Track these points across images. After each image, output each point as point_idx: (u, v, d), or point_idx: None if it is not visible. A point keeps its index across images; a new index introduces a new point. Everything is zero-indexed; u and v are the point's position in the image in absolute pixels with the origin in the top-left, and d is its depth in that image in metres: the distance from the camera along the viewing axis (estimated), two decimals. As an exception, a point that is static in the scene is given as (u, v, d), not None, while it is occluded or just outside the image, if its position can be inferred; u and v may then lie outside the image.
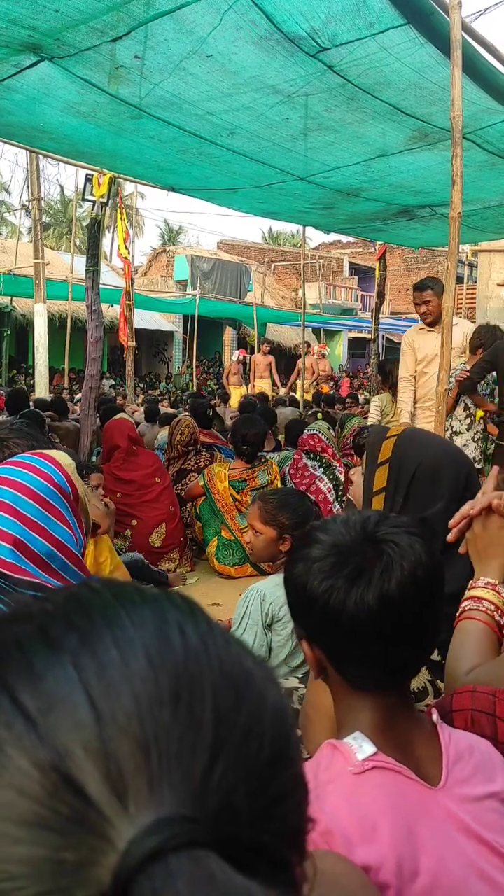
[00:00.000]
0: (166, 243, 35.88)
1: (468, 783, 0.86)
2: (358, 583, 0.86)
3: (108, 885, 0.29)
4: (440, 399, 3.32)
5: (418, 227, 7.49)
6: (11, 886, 0.29)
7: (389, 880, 0.76)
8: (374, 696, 0.89)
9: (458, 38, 3.18)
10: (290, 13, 3.30)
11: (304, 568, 0.91)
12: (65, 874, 0.29)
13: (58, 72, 3.90)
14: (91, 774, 0.31)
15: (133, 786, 0.31)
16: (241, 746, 0.34)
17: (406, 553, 0.88)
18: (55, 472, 1.37)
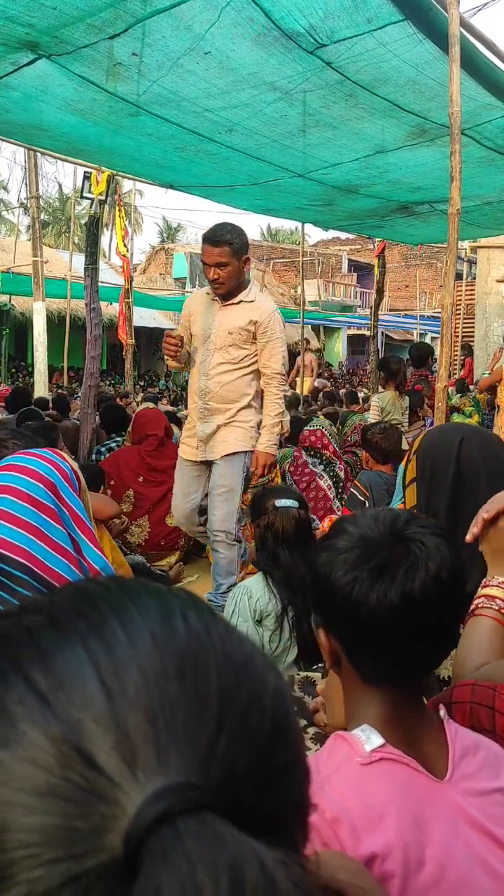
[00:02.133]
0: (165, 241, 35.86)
1: (474, 778, 0.86)
2: (382, 578, 0.87)
3: (120, 851, 0.31)
4: (439, 396, 3.32)
5: (417, 223, 7.49)
6: (25, 854, 0.30)
7: (395, 870, 0.77)
8: (383, 690, 0.89)
9: (456, 34, 3.17)
10: (288, 9, 3.30)
11: (329, 557, 0.91)
12: (77, 841, 0.31)
13: (55, 69, 3.89)
14: (101, 745, 0.33)
15: (142, 754, 0.33)
16: (244, 721, 0.36)
17: (432, 554, 0.89)
18: (50, 470, 1.38)
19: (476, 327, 14.62)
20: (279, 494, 2.40)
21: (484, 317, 14.32)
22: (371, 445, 3.98)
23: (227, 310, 3.35)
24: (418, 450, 1.62)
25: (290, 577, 2.27)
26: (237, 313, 3.33)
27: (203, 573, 4.49)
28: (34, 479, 1.35)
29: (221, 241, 3.19)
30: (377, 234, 8.90)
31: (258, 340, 3.34)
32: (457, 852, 0.80)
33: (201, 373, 3.41)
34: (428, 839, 0.79)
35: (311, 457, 5.12)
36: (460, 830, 0.81)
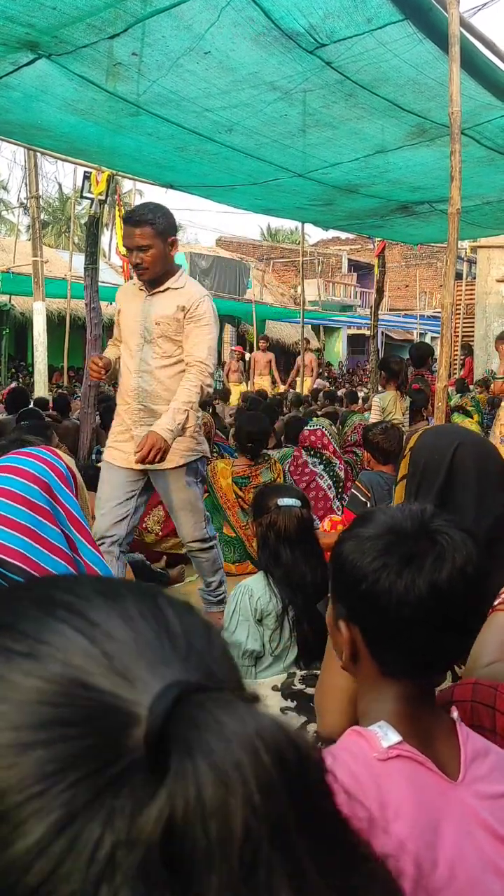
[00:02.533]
0: (165, 241, 35.79)
1: (485, 781, 0.86)
2: (410, 566, 0.88)
3: (142, 750, 0.34)
4: (439, 396, 3.32)
5: (417, 223, 7.49)
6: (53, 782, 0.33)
7: (408, 869, 0.77)
8: (401, 685, 0.90)
9: (456, 34, 3.17)
10: (288, 9, 3.30)
11: (355, 545, 0.92)
12: (97, 757, 0.33)
13: (55, 69, 3.90)
14: (94, 671, 0.36)
15: (134, 670, 0.37)
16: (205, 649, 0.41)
17: (459, 547, 0.89)
18: (44, 470, 1.38)
19: (476, 327, 14.62)
20: (281, 493, 2.39)
21: (484, 316, 14.31)
22: (372, 445, 3.97)
23: (155, 299, 3.01)
24: (413, 448, 1.61)
25: (291, 576, 2.27)
26: (165, 301, 2.99)
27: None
28: (28, 480, 1.35)
29: (143, 222, 2.86)
30: (377, 234, 8.90)
31: (185, 326, 2.99)
32: (468, 854, 0.80)
33: (134, 371, 3.06)
34: (441, 840, 0.80)
35: (311, 456, 5.12)
36: (472, 833, 0.82)
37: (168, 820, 0.32)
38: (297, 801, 0.35)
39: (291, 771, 0.35)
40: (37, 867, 0.31)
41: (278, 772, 0.34)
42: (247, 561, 4.28)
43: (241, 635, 2.27)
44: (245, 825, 0.32)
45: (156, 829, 0.32)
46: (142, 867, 0.32)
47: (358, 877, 0.37)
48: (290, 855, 0.33)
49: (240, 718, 0.35)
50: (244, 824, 0.32)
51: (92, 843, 0.32)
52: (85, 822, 0.32)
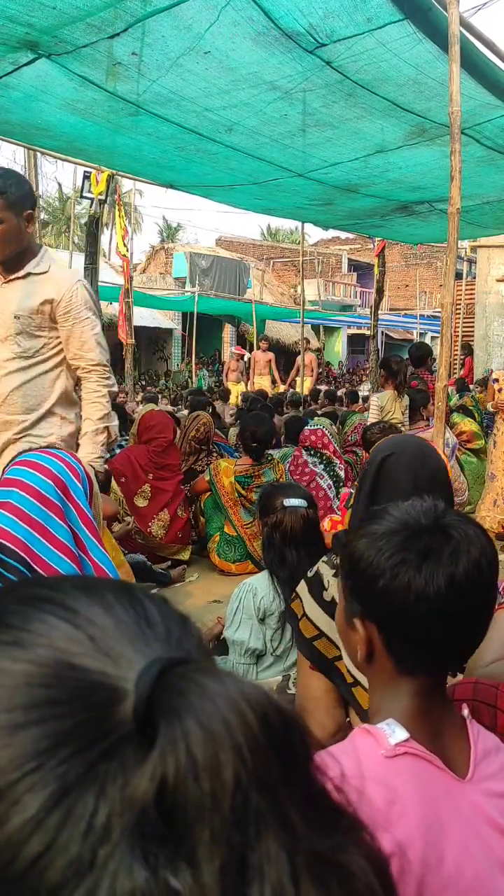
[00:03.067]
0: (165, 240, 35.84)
1: (494, 779, 0.87)
2: (428, 561, 0.88)
3: (131, 722, 0.35)
4: (439, 396, 3.32)
5: (417, 223, 7.49)
6: (47, 758, 0.34)
7: (414, 866, 0.78)
8: (416, 681, 0.90)
9: (456, 34, 3.17)
10: (288, 9, 3.30)
11: (369, 543, 0.92)
12: (88, 732, 0.35)
13: (55, 69, 3.89)
14: (81, 652, 0.38)
15: (119, 650, 0.39)
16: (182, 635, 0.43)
17: (473, 540, 0.91)
18: (63, 469, 1.41)
19: (476, 327, 14.62)
20: (288, 493, 2.38)
21: (484, 316, 14.31)
22: (371, 445, 3.98)
23: (11, 287, 2.54)
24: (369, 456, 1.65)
25: (296, 576, 2.27)
26: (25, 290, 2.54)
27: (203, 573, 4.50)
28: (45, 475, 1.39)
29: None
30: (377, 234, 8.90)
31: (60, 325, 2.56)
32: (475, 852, 0.80)
33: None
34: (447, 837, 0.80)
35: (312, 456, 5.12)
36: (480, 831, 0.82)
37: (161, 779, 0.34)
38: (282, 758, 0.36)
39: (276, 731, 0.37)
40: (34, 840, 0.32)
41: (263, 731, 0.36)
42: (247, 560, 4.28)
43: (244, 634, 2.27)
44: (235, 775, 0.34)
45: (149, 790, 0.33)
46: (137, 826, 0.33)
47: (340, 836, 0.38)
48: (276, 804, 0.35)
49: (224, 683, 0.37)
50: (235, 775, 0.34)
51: (87, 814, 0.33)
52: (79, 794, 0.33)
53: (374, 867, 0.39)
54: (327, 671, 1.42)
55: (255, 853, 0.34)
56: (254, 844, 0.34)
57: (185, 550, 4.56)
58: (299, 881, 0.34)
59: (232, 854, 0.33)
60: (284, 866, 0.34)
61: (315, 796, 0.39)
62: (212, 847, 0.33)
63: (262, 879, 0.34)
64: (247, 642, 2.27)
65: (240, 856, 0.34)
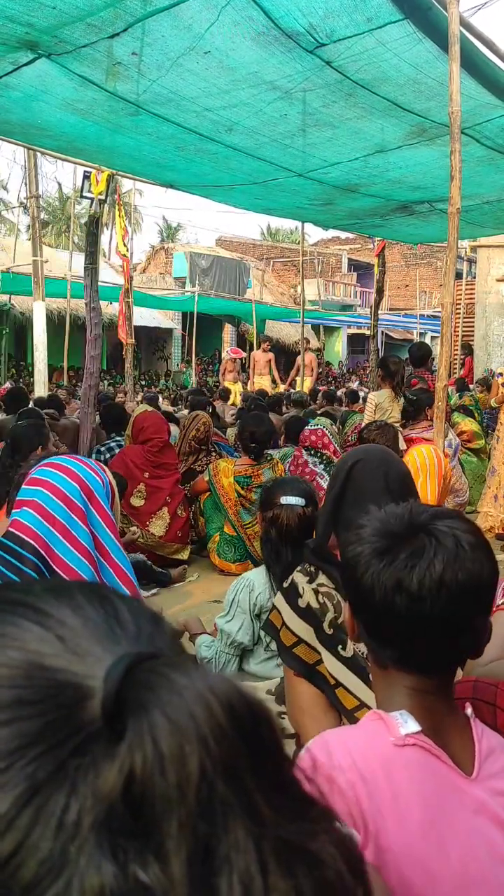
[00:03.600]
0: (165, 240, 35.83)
1: (499, 777, 0.87)
2: (405, 557, 0.89)
3: (100, 720, 0.35)
4: (439, 395, 3.32)
5: (417, 222, 7.48)
6: (17, 757, 0.34)
7: (418, 861, 0.78)
8: (419, 679, 0.91)
9: (456, 33, 3.17)
10: (288, 9, 3.30)
11: (355, 543, 0.94)
12: (57, 730, 0.35)
13: (55, 69, 3.89)
14: (51, 653, 0.38)
15: (88, 649, 0.39)
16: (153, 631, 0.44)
17: (447, 535, 0.91)
18: (90, 475, 1.48)
19: (476, 326, 14.62)
20: (287, 489, 2.36)
21: (484, 316, 14.31)
22: (367, 444, 3.99)
23: None
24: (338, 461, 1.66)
25: (289, 573, 2.27)
26: None
27: (203, 573, 4.51)
28: (72, 479, 1.45)
29: None
30: (377, 234, 8.90)
31: None
32: (480, 848, 0.81)
33: None
34: (452, 833, 0.80)
35: (312, 456, 5.12)
36: (485, 828, 0.82)
37: (128, 774, 0.34)
38: (250, 749, 0.37)
39: (243, 722, 0.37)
40: (6, 839, 0.32)
41: (230, 721, 0.36)
42: (247, 560, 4.28)
43: (234, 626, 2.29)
44: (200, 766, 0.34)
45: (117, 784, 0.34)
46: (105, 821, 0.33)
47: (309, 824, 0.38)
48: (243, 793, 0.36)
49: (191, 676, 0.37)
50: (200, 765, 0.34)
51: (59, 812, 0.33)
52: (50, 792, 0.33)
53: (345, 855, 0.39)
54: (310, 676, 1.44)
55: (222, 843, 0.34)
56: (221, 834, 0.34)
57: (185, 550, 4.57)
58: (267, 869, 0.35)
59: (199, 844, 0.34)
60: (252, 854, 0.34)
61: (284, 785, 0.39)
62: (179, 838, 0.33)
63: (229, 869, 0.34)
64: (234, 635, 2.28)
65: (207, 846, 0.34)
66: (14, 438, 3.27)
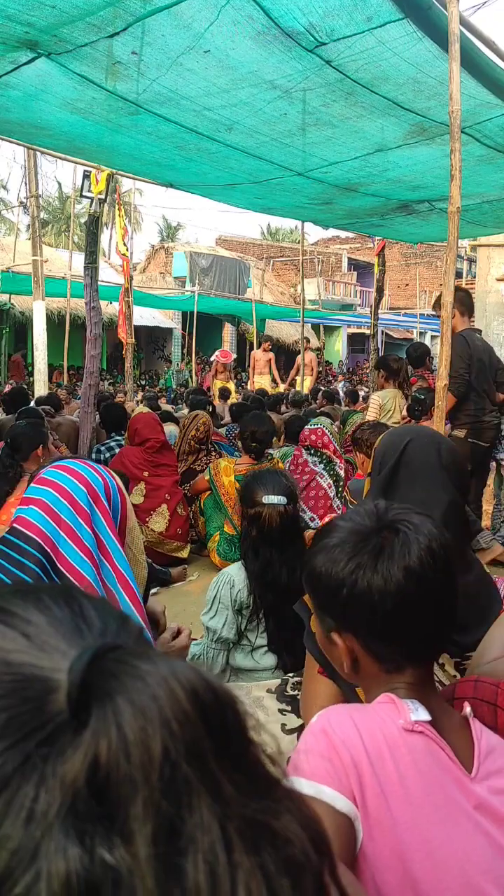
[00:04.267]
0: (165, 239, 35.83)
1: (500, 775, 0.87)
2: (381, 558, 0.91)
3: (66, 712, 0.36)
4: (440, 395, 3.32)
5: (417, 222, 7.48)
6: None
7: (415, 853, 0.78)
8: (405, 675, 0.92)
9: (456, 32, 3.17)
10: (288, 8, 3.30)
11: (326, 556, 0.95)
12: (25, 724, 0.36)
13: (55, 68, 3.89)
14: (16, 649, 0.39)
15: (53, 643, 0.40)
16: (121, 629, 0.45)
17: (420, 528, 0.93)
18: (97, 479, 1.48)
19: (476, 325, 14.61)
20: (268, 487, 2.33)
21: (484, 315, 14.31)
22: (360, 444, 3.98)
23: None
24: (376, 447, 1.66)
25: (265, 573, 2.26)
26: None
27: (203, 572, 4.51)
28: (79, 481, 1.46)
29: None
30: (377, 233, 8.89)
31: None
32: (481, 840, 0.81)
33: None
34: (455, 822, 0.81)
35: (312, 455, 5.12)
36: (485, 823, 0.83)
37: (93, 759, 0.34)
38: (213, 731, 0.37)
39: (207, 705, 0.38)
40: None
41: (193, 705, 0.37)
42: (247, 560, 4.28)
43: (218, 622, 2.29)
44: (164, 748, 0.35)
45: (81, 770, 0.34)
46: (72, 807, 0.34)
47: (273, 802, 0.39)
48: (206, 773, 0.36)
49: (155, 663, 0.38)
50: (163, 747, 0.35)
51: (28, 804, 0.33)
52: (18, 785, 0.34)
53: (310, 834, 0.39)
54: (334, 673, 1.43)
55: (187, 822, 0.35)
56: (185, 814, 0.35)
57: (185, 548, 4.57)
58: (232, 847, 0.35)
59: (163, 824, 0.34)
60: (216, 833, 0.35)
61: (249, 767, 0.39)
62: (143, 819, 0.34)
63: (194, 847, 0.34)
64: (219, 631, 2.28)
65: (171, 825, 0.34)
66: (13, 438, 3.27)
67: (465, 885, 0.78)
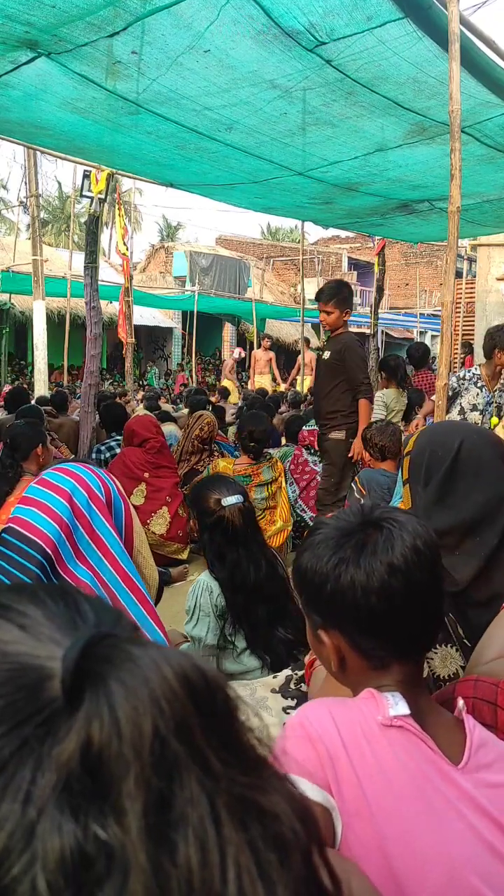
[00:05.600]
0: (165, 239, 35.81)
1: (490, 769, 0.87)
2: (364, 554, 0.91)
3: (60, 698, 0.37)
4: (440, 394, 3.32)
5: (417, 221, 7.48)
6: None
7: (397, 844, 0.78)
8: (391, 672, 0.92)
9: (456, 32, 3.17)
10: (288, 7, 3.29)
11: (311, 553, 0.96)
12: (20, 710, 0.37)
13: (55, 68, 3.89)
14: (13, 640, 0.40)
15: (49, 634, 0.40)
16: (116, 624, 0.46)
17: (404, 525, 0.94)
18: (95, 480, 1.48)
19: (476, 325, 14.61)
20: (222, 490, 2.31)
21: (484, 314, 14.30)
22: (369, 443, 3.99)
23: None
24: (415, 449, 1.58)
25: (234, 576, 2.25)
26: None
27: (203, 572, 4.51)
28: (80, 484, 1.45)
29: None
30: (377, 233, 8.89)
31: None
32: (465, 833, 0.81)
33: None
34: (437, 814, 0.80)
35: (312, 455, 5.13)
36: (469, 815, 0.82)
37: (86, 739, 0.35)
38: (202, 711, 0.38)
39: (196, 686, 0.39)
40: None
41: (182, 686, 0.38)
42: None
43: (201, 630, 2.28)
44: (154, 725, 0.36)
45: (75, 752, 0.35)
46: (66, 785, 0.35)
47: (259, 779, 0.40)
48: (195, 749, 0.37)
49: (147, 649, 0.39)
50: (153, 724, 0.36)
51: (25, 786, 0.34)
52: (14, 769, 0.35)
53: (298, 812, 0.40)
54: None
55: (177, 797, 0.35)
56: (175, 790, 0.36)
57: (185, 550, 4.58)
58: (220, 822, 0.36)
59: (154, 799, 0.35)
60: (205, 808, 0.36)
61: (237, 745, 0.40)
62: (135, 793, 0.35)
63: (185, 822, 0.35)
64: (204, 639, 2.28)
65: (162, 799, 0.35)
66: (12, 438, 3.27)
67: (449, 877, 0.78)
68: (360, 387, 4.46)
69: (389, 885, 0.76)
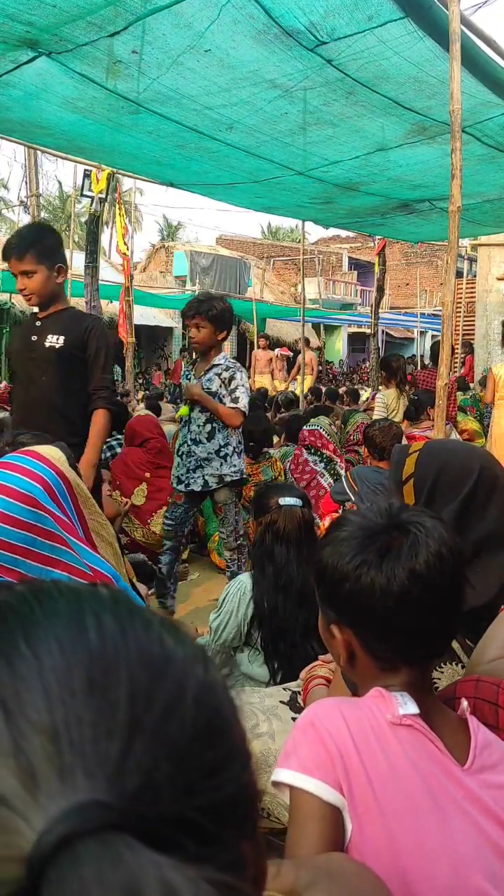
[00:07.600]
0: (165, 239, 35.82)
1: (494, 770, 0.88)
2: (387, 558, 0.91)
3: (25, 882, 0.29)
4: (439, 394, 3.32)
5: (418, 221, 7.48)
6: None
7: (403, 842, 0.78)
8: (400, 675, 0.92)
9: (456, 31, 3.16)
10: (289, 7, 3.29)
11: (333, 549, 0.95)
12: None
13: (55, 67, 3.89)
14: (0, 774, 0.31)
15: (43, 778, 0.31)
16: (161, 725, 0.33)
17: (431, 532, 0.92)
18: (46, 470, 1.39)
19: (476, 325, 14.61)
20: (283, 492, 2.37)
21: (484, 314, 14.30)
22: (370, 442, 4.00)
23: None
24: (424, 453, 1.54)
25: (280, 576, 2.26)
26: None
27: (203, 572, 4.51)
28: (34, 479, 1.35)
29: None
30: (378, 232, 8.89)
31: None
32: (471, 832, 0.81)
33: None
34: (444, 813, 0.81)
35: (312, 455, 5.12)
36: (475, 815, 0.83)
37: None
38: None
39: None
40: None
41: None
42: (247, 560, 4.27)
43: (220, 623, 2.30)
44: None
45: None
46: None
47: None
48: None
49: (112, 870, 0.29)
50: None
51: None
52: None
53: None
54: None
55: None
56: None
57: (185, 550, 4.57)
58: None
59: None
60: None
61: None
62: None
63: None
64: (220, 632, 2.29)
65: None
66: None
67: (455, 876, 0.78)
68: None
69: (397, 882, 0.76)
